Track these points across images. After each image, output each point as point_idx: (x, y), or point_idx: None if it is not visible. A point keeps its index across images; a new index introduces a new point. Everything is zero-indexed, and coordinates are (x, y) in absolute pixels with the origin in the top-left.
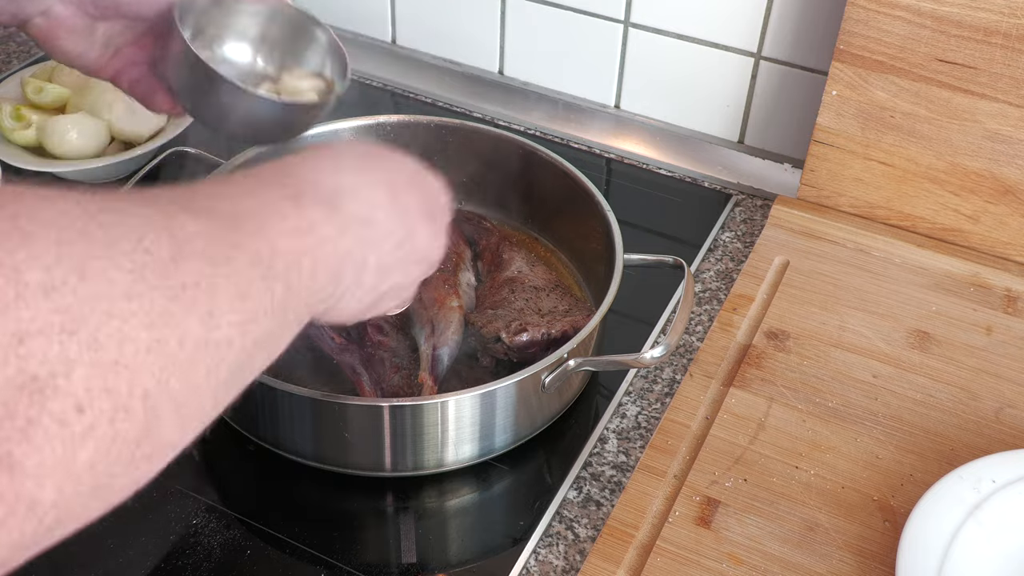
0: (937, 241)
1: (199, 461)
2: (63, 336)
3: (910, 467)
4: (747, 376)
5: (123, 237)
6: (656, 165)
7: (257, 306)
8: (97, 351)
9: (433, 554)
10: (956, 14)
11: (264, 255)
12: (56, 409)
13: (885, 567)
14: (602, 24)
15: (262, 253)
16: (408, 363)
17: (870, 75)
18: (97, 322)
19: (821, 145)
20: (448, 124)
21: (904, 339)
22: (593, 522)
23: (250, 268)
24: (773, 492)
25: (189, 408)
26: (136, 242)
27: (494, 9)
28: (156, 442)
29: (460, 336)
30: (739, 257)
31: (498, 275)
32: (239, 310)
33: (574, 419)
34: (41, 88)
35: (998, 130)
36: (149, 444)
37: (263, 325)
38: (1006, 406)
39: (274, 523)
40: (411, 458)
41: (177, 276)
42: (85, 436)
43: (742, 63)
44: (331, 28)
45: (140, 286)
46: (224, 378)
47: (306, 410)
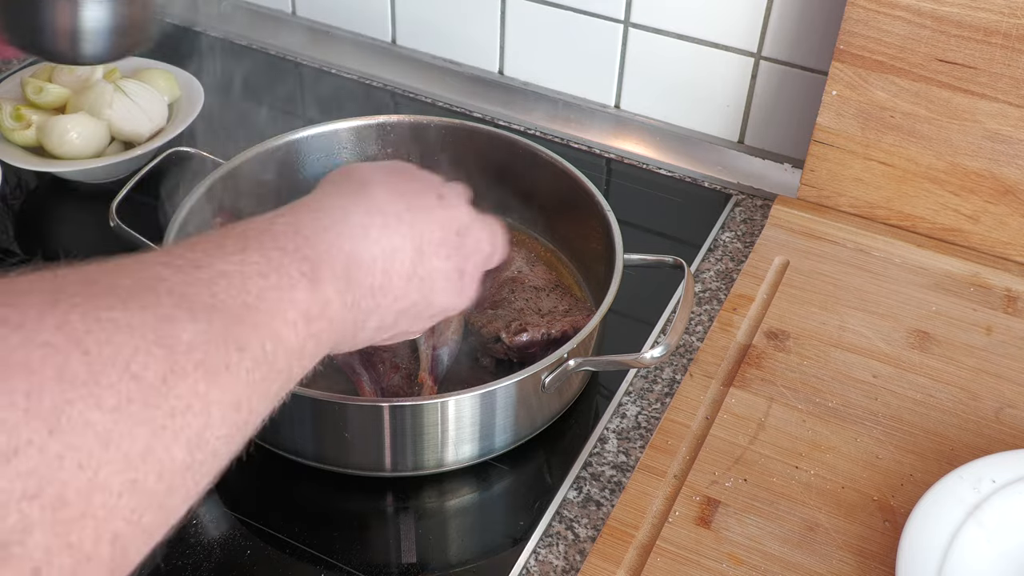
0: (937, 241)
1: None
2: (23, 503)
3: (910, 467)
4: (747, 376)
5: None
6: (656, 165)
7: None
8: (61, 509)
9: (433, 554)
10: (956, 14)
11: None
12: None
13: (885, 567)
14: (602, 24)
15: (266, 349)
16: (408, 363)
17: (870, 75)
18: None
19: (821, 145)
20: (448, 124)
21: (904, 339)
22: (593, 522)
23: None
24: (773, 492)
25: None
26: (124, 368)
27: (494, 9)
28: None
29: (460, 336)
30: (739, 257)
31: (498, 275)
32: (231, 422)
33: (574, 419)
34: (41, 88)
35: (998, 130)
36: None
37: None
38: (1006, 406)
39: (274, 523)
40: (411, 458)
41: (167, 402)
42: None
43: (742, 63)
44: None
45: (122, 426)
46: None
47: (306, 410)
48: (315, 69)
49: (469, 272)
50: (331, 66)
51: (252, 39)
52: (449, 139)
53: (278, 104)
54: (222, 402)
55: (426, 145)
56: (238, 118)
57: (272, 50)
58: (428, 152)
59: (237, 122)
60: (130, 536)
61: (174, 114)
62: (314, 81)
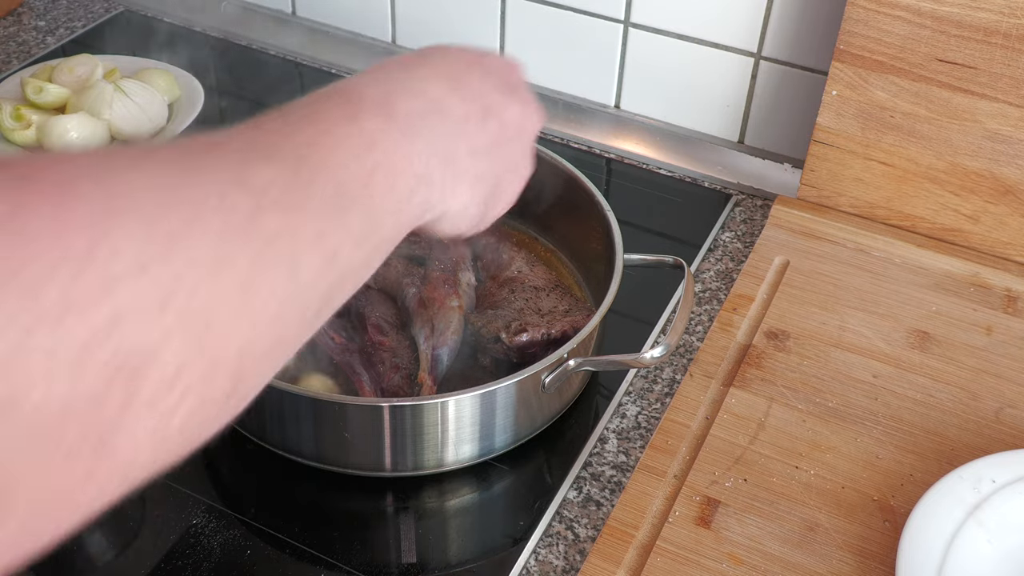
0: (937, 241)
1: (199, 461)
2: (156, 313)
3: (910, 467)
4: (747, 376)
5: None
6: (656, 165)
7: (338, 242)
8: (189, 321)
9: (433, 554)
10: (956, 14)
11: (335, 185)
12: (153, 383)
13: (885, 567)
14: (602, 24)
15: (330, 187)
16: (408, 363)
17: (870, 75)
18: (189, 292)
19: (821, 145)
20: None
21: (904, 339)
22: (593, 522)
23: (324, 206)
24: (773, 492)
25: (276, 356)
26: (218, 203)
27: (494, 9)
28: (243, 393)
29: (460, 336)
30: (739, 257)
31: (498, 275)
32: (320, 250)
33: (574, 419)
34: (41, 88)
35: (998, 130)
36: (236, 397)
37: (348, 258)
38: (1006, 406)
39: (274, 523)
40: (411, 458)
41: (259, 232)
42: (177, 406)
43: (742, 63)
44: None
45: (226, 249)
46: (311, 317)
47: (306, 410)
48: (315, 69)
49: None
50: (331, 66)
51: (252, 39)
52: None
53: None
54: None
55: None
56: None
57: (272, 50)
58: None
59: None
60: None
61: (174, 114)
62: (314, 81)
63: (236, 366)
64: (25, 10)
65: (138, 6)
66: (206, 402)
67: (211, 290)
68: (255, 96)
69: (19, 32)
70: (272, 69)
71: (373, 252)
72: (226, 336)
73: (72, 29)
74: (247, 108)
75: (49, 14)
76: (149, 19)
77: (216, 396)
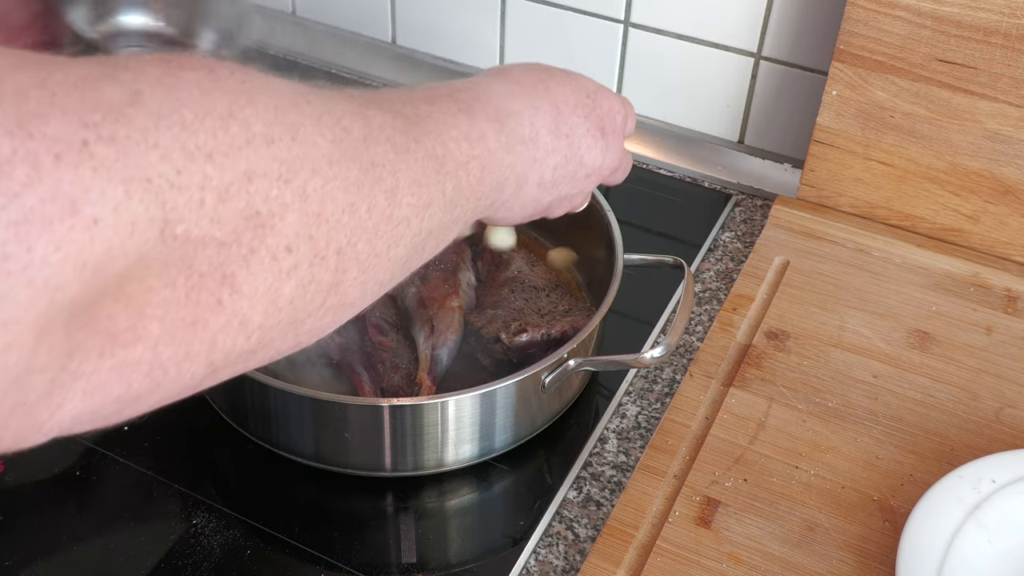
0: (937, 241)
1: (199, 461)
2: (280, 183)
3: (910, 467)
4: (747, 376)
5: (326, 114)
6: (656, 165)
7: (431, 195)
8: (306, 201)
9: (433, 554)
10: (956, 14)
11: (438, 153)
12: (272, 244)
13: (885, 567)
14: (602, 24)
15: (436, 151)
16: (408, 363)
17: (870, 75)
18: (306, 176)
19: (821, 145)
20: None
21: (904, 339)
22: (593, 522)
23: (426, 161)
24: (773, 492)
25: (370, 273)
26: (336, 120)
27: (494, 9)
28: (341, 296)
29: (459, 336)
30: (739, 257)
31: (498, 275)
32: (416, 194)
33: (574, 419)
34: None
35: (998, 130)
36: (336, 296)
37: (435, 215)
38: (1006, 406)
39: (274, 523)
40: (411, 458)
41: (368, 154)
42: (290, 273)
43: (742, 63)
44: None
45: (338, 154)
46: (401, 255)
47: (306, 410)
48: (315, 69)
49: (609, 131)
50: (331, 66)
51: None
52: None
53: None
54: (407, 173)
55: None
56: None
57: (272, 50)
58: None
59: None
60: (348, 257)
61: None
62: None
63: (336, 263)
64: None
65: None
66: (312, 283)
67: (323, 183)
68: None
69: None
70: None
71: (452, 224)
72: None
73: None
74: None
75: None
76: None
77: (320, 282)
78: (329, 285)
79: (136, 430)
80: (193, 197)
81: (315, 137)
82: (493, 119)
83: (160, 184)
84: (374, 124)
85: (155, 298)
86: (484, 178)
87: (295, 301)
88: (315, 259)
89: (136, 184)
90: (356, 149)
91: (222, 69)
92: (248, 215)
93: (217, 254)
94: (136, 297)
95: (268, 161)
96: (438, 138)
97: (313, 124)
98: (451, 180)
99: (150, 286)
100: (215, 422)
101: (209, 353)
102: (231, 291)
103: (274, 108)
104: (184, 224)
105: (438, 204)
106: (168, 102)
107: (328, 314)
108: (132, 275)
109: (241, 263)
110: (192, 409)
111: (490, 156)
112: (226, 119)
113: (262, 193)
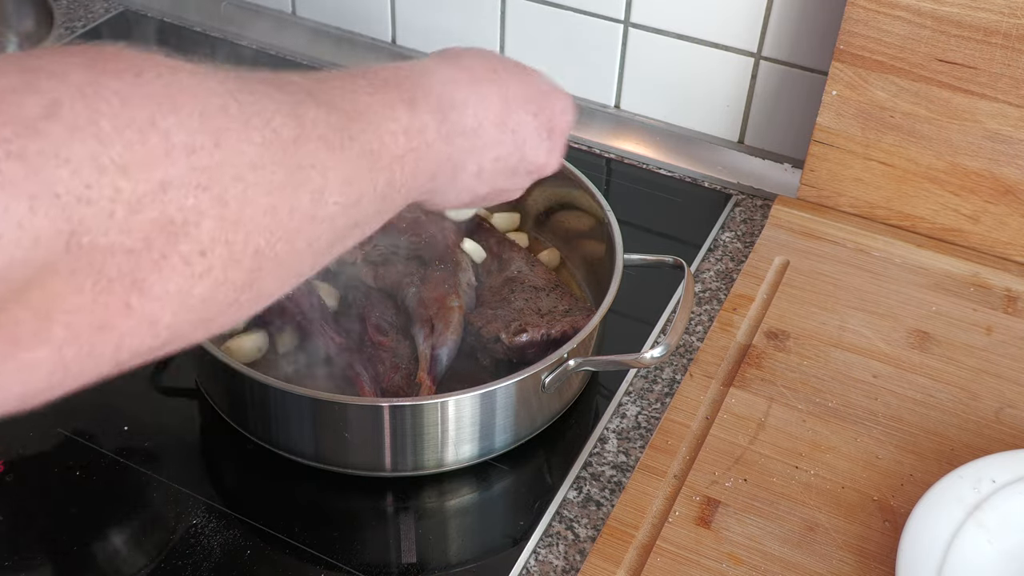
0: (937, 241)
1: (199, 461)
2: (198, 191)
3: (910, 467)
4: (747, 376)
5: (256, 115)
6: (656, 165)
7: (361, 192)
8: (223, 208)
9: (433, 554)
10: (956, 14)
11: (374, 148)
12: (185, 250)
13: (885, 567)
14: (602, 24)
15: (372, 146)
16: (408, 363)
17: (870, 75)
18: (226, 184)
19: (821, 145)
20: None
21: (904, 339)
22: (593, 522)
23: (359, 159)
24: (773, 492)
25: (288, 269)
26: (266, 121)
27: (494, 9)
28: (256, 292)
29: (459, 336)
30: (739, 257)
31: (498, 275)
32: (345, 193)
33: (574, 419)
34: None
35: (998, 130)
36: (250, 292)
37: (363, 209)
38: (1006, 406)
39: (274, 523)
40: (411, 458)
41: (297, 156)
42: (202, 276)
43: (742, 63)
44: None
45: (265, 158)
46: (322, 248)
47: (306, 410)
48: (315, 69)
49: (558, 132)
50: (331, 66)
51: (252, 39)
52: None
53: None
54: (337, 172)
55: None
56: None
57: (272, 50)
58: None
59: None
60: (266, 257)
61: None
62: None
63: (252, 264)
64: None
65: (138, 6)
66: (224, 284)
67: (244, 189)
68: None
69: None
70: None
71: (384, 214)
72: (249, 231)
73: (72, 29)
74: None
75: None
76: (149, 19)
77: (234, 282)
78: (243, 284)
79: (136, 430)
80: (103, 210)
81: (240, 143)
82: (435, 109)
83: (68, 200)
84: (307, 122)
85: (62, 304)
86: (419, 169)
87: (207, 301)
88: (230, 261)
89: (42, 200)
90: (285, 152)
91: (149, 71)
92: (162, 224)
93: (127, 261)
94: (42, 303)
95: (187, 171)
96: (375, 132)
97: (240, 128)
98: (384, 175)
99: (57, 292)
100: (215, 422)
101: (115, 353)
102: (140, 295)
103: (199, 114)
104: (91, 235)
105: (368, 199)
106: (86, 114)
107: (242, 308)
108: (37, 282)
109: (152, 268)
110: (192, 409)
111: (427, 148)
112: (145, 130)
113: (177, 202)
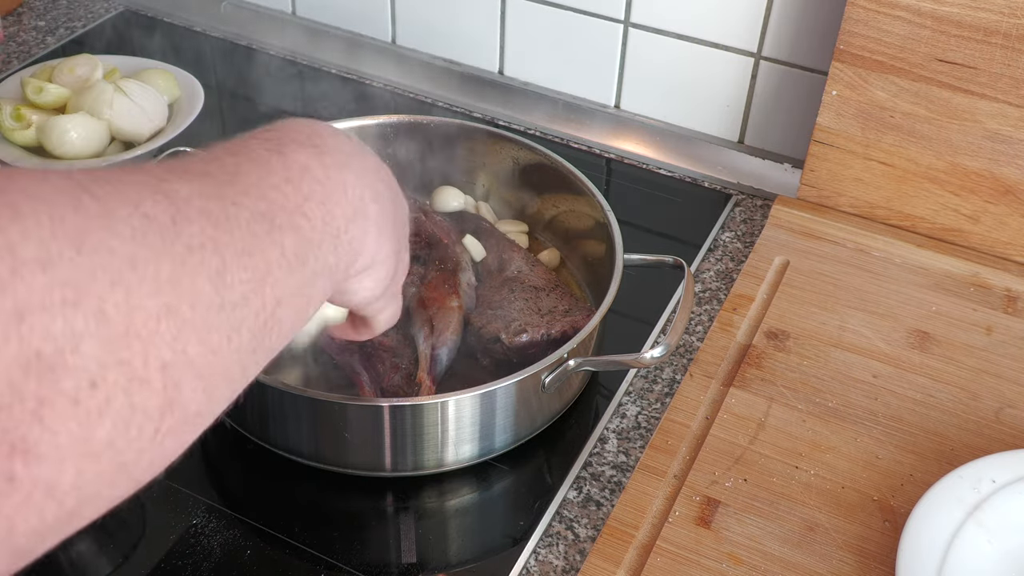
0: (937, 241)
1: (199, 461)
2: (66, 310)
3: (910, 467)
4: (747, 376)
5: (119, 205)
6: (656, 165)
7: (268, 261)
8: (105, 322)
9: (433, 554)
10: (956, 14)
11: (262, 209)
12: (68, 387)
13: (885, 567)
14: (602, 24)
15: (260, 208)
16: (408, 363)
17: (870, 75)
18: (101, 293)
19: (821, 145)
20: (448, 124)
21: (904, 339)
22: (593, 522)
23: (252, 224)
24: (773, 492)
25: (213, 376)
26: (133, 208)
27: (494, 9)
28: (181, 414)
29: (459, 336)
30: (739, 257)
31: (498, 275)
32: (248, 267)
33: (574, 419)
34: (41, 88)
35: (998, 130)
36: (173, 417)
37: (280, 281)
38: (1006, 406)
39: (274, 523)
40: (411, 458)
41: (180, 239)
42: (101, 412)
43: (742, 63)
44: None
45: (143, 252)
46: (247, 342)
47: (306, 410)
48: (315, 69)
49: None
50: (331, 66)
51: (252, 39)
52: (449, 139)
53: (278, 104)
54: (232, 246)
55: (426, 145)
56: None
57: (272, 50)
58: (428, 152)
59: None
60: (179, 368)
61: (174, 114)
62: (314, 81)
63: (163, 380)
64: (25, 10)
65: (138, 6)
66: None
67: (126, 294)
68: (255, 96)
69: (19, 32)
70: (272, 69)
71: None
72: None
73: (72, 29)
74: (247, 108)
75: (49, 14)
76: (149, 19)
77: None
78: (160, 408)
79: None
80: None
81: (108, 240)
82: (307, 145)
83: None
84: (181, 198)
85: None
86: (330, 211)
87: (116, 442)
88: (132, 384)
89: None
90: (164, 237)
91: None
92: (25, 361)
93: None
94: None
95: (45, 290)
96: (257, 191)
97: (103, 223)
98: (289, 234)
99: None
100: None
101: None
102: (25, 460)
103: (48, 218)
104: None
105: (280, 268)
106: None
107: (168, 439)
108: None
109: (30, 421)
110: None
111: (323, 186)
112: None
113: (40, 330)
